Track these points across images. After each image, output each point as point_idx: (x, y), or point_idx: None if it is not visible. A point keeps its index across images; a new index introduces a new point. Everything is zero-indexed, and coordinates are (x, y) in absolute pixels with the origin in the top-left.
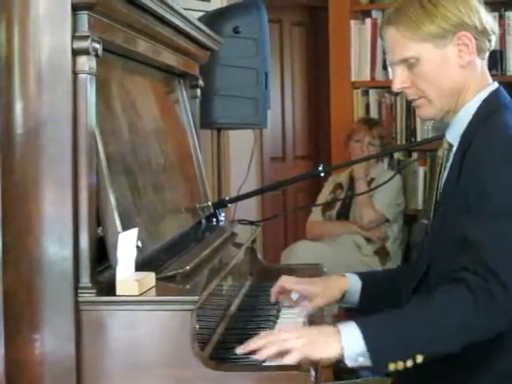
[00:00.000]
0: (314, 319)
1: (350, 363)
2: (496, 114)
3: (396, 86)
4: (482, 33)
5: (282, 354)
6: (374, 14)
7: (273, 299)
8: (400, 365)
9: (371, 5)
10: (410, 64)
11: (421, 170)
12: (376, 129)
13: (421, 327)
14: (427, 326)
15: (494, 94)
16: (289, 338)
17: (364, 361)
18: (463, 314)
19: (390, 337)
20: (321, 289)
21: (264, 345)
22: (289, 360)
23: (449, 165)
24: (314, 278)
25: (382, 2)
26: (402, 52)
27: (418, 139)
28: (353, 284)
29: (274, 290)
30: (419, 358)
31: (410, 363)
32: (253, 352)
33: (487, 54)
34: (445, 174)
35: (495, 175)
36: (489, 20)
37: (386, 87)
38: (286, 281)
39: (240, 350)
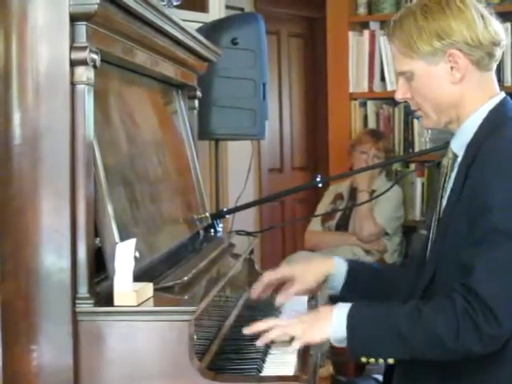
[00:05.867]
0: None
1: (336, 344)
2: (502, 127)
3: (398, 97)
4: (476, 47)
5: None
6: (372, 25)
7: (254, 296)
8: (371, 359)
9: (369, 16)
10: (407, 77)
11: (418, 182)
12: (382, 142)
13: (400, 339)
14: (407, 338)
15: (501, 105)
16: (289, 325)
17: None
18: (442, 336)
19: (370, 337)
20: (299, 271)
21: (268, 327)
22: (292, 348)
23: (453, 175)
24: (296, 263)
25: (380, 13)
26: (399, 66)
27: (416, 150)
28: (338, 269)
29: (256, 289)
30: (390, 361)
31: (381, 361)
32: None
33: (494, 65)
34: (449, 184)
35: (499, 192)
36: (492, 31)
37: (383, 99)
38: (267, 275)
39: (247, 330)
